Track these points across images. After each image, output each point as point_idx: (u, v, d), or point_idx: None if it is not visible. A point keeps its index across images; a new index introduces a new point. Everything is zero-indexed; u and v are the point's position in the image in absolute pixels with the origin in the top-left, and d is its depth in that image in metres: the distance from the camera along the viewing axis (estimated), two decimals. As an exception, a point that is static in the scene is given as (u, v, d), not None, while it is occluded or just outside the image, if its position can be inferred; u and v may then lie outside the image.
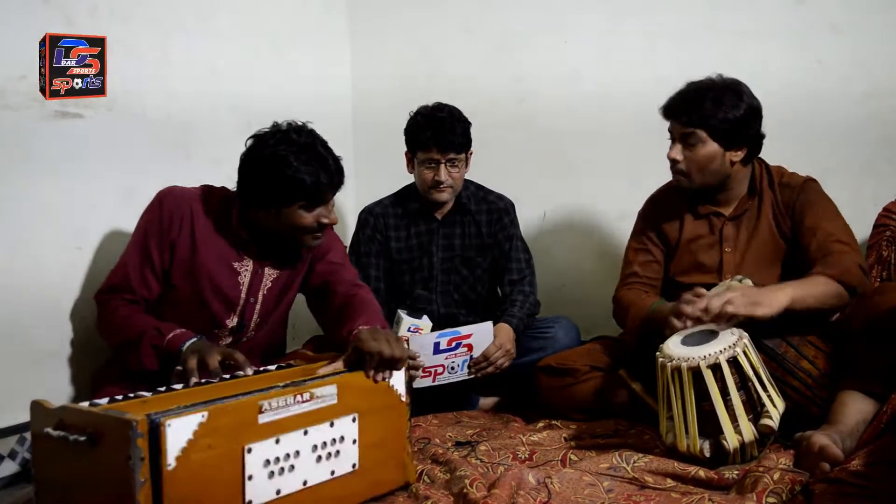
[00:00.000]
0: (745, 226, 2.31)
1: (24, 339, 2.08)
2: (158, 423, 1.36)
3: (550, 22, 3.10)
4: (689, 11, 2.88)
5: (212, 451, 1.43)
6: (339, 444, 1.66)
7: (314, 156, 1.99)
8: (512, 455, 2.04)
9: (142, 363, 1.90)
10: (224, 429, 1.45)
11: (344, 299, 2.08)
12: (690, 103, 2.22)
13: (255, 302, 2.13)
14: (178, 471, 1.38)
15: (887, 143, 2.62)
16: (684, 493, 1.76)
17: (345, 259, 2.26)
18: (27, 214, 2.07)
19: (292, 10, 3.10)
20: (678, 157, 2.25)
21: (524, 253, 2.78)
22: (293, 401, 1.58)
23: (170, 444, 1.37)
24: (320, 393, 1.63)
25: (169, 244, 2.01)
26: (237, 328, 2.12)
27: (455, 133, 2.58)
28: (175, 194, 2.06)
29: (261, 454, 1.51)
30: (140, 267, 2.01)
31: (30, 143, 2.08)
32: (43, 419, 1.49)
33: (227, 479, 1.47)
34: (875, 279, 2.39)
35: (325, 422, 1.64)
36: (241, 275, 2.09)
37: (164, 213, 2.02)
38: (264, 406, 1.53)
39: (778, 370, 2.00)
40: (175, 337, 1.89)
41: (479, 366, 2.48)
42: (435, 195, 2.63)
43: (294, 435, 1.58)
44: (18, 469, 2.05)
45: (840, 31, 2.67)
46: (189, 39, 2.55)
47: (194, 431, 1.40)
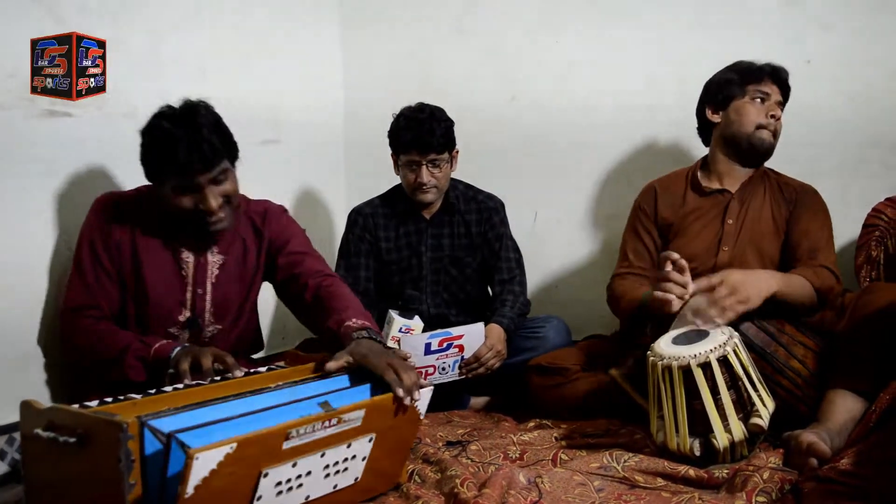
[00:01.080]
0: (749, 203, 2.40)
1: (14, 339, 2.07)
2: (187, 454, 1.28)
3: (541, 23, 3.11)
4: (680, 12, 2.89)
5: (230, 478, 1.37)
6: (349, 462, 1.61)
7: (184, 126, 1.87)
8: (503, 455, 2.04)
9: (126, 376, 1.88)
10: (249, 458, 1.39)
11: (316, 291, 2.05)
12: (786, 75, 2.43)
13: (205, 293, 2.09)
14: (193, 498, 1.32)
15: (876, 143, 2.64)
16: (674, 492, 1.76)
17: (307, 247, 2.20)
18: (16, 214, 2.06)
19: (283, 11, 3.09)
20: (779, 115, 2.40)
21: (514, 252, 2.78)
22: (320, 426, 1.50)
23: (193, 475, 1.30)
24: (348, 417, 1.55)
25: (115, 246, 2.00)
26: (191, 322, 2.08)
27: (435, 135, 2.57)
28: (113, 199, 2.06)
29: (275, 477, 1.46)
30: (95, 275, 1.99)
31: (19, 142, 2.07)
32: (33, 420, 1.47)
33: (237, 499, 1.43)
34: (864, 279, 2.41)
35: (344, 443, 1.57)
36: (184, 269, 2.06)
37: (104, 219, 2.01)
38: (291, 434, 1.44)
39: (768, 369, 2.01)
40: (162, 346, 1.88)
41: (469, 367, 2.48)
42: (420, 196, 2.63)
43: (311, 458, 1.51)
44: (8, 469, 2.04)
45: (830, 31, 2.68)
46: (180, 39, 2.53)
47: (219, 462, 1.33)
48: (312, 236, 2.26)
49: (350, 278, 2.70)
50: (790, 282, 2.12)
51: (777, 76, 2.40)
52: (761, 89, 2.38)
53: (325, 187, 3.38)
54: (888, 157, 2.63)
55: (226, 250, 2.12)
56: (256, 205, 2.20)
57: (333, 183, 3.44)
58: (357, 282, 2.70)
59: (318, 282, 2.07)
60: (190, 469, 1.29)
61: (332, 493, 1.61)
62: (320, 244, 3.21)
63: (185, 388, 1.67)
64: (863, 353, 1.94)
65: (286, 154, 3.08)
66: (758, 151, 2.38)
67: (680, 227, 2.44)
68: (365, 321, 1.90)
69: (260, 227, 2.16)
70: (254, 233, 2.16)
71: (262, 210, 2.18)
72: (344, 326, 1.86)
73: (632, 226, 2.55)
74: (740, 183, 2.42)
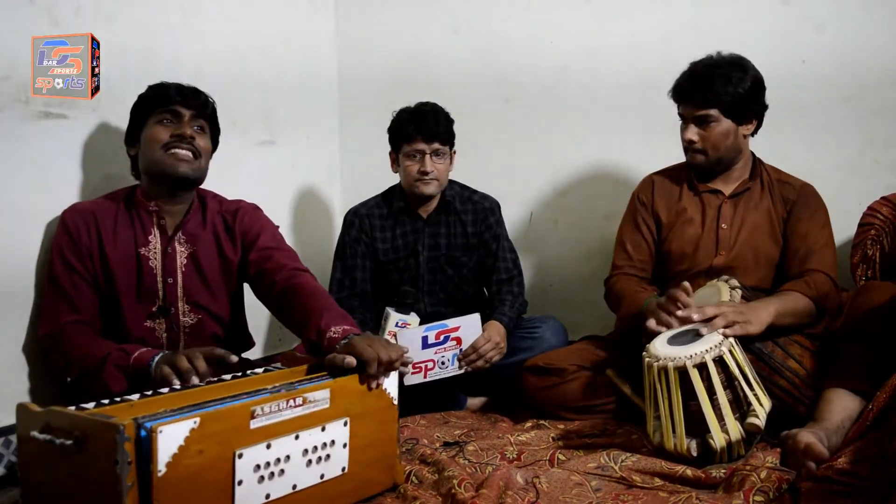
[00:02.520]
0: (744, 205, 2.38)
1: (9, 342, 2.06)
2: (150, 430, 1.33)
3: (536, 22, 3.11)
4: (674, 11, 2.89)
5: (202, 456, 1.41)
6: (329, 448, 1.64)
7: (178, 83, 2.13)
8: (500, 455, 2.04)
9: (107, 386, 1.86)
10: (216, 434, 1.43)
11: (284, 286, 2.06)
12: (701, 84, 2.27)
13: (175, 282, 2.11)
14: (168, 477, 1.36)
15: (871, 142, 2.64)
16: (672, 492, 1.77)
17: (278, 242, 2.22)
18: (10, 215, 2.06)
19: (279, 11, 3.09)
20: (694, 138, 2.30)
21: (511, 252, 2.78)
22: (285, 405, 1.55)
23: (161, 451, 1.34)
24: (313, 397, 1.60)
25: (86, 253, 2.04)
26: (164, 310, 2.10)
27: (439, 124, 2.61)
28: (76, 209, 2.10)
29: (251, 459, 1.49)
30: (71, 282, 2.02)
31: (13, 144, 2.07)
32: (29, 422, 1.47)
33: (217, 484, 1.45)
34: (860, 278, 2.41)
35: (317, 426, 1.61)
36: (152, 259, 2.10)
37: (70, 228, 2.05)
38: (256, 411, 1.50)
39: (765, 369, 2.02)
40: (141, 354, 1.87)
41: (468, 358, 2.48)
42: (421, 188, 2.63)
43: (285, 440, 1.55)
44: (5, 472, 2.03)
45: (824, 30, 2.68)
46: (175, 40, 2.53)
47: (186, 438, 1.38)
48: (310, 237, 2.27)
49: (347, 280, 2.70)
50: (785, 304, 2.11)
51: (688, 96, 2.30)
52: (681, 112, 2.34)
53: (322, 188, 3.38)
54: (883, 156, 2.63)
55: (194, 241, 2.15)
56: (230, 204, 2.25)
57: (329, 183, 3.44)
58: (354, 283, 2.70)
59: (286, 276, 2.08)
60: (155, 443, 1.33)
61: (320, 484, 1.63)
62: (317, 245, 3.22)
63: (181, 389, 1.67)
64: (859, 351, 1.95)
65: (282, 155, 3.08)
66: (697, 171, 2.39)
67: (674, 223, 2.44)
68: (346, 326, 1.87)
69: (231, 224, 2.20)
70: (225, 229, 2.20)
71: (234, 208, 2.23)
72: (327, 339, 1.83)
73: (630, 217, 2.53)
74: (734, 185, 2.40)
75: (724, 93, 2.23)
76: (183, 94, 2.10)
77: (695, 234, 2.40)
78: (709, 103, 2.25)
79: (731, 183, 2.41)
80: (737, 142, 2.32)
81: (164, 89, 2.10)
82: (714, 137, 2.29)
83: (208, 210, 2.20)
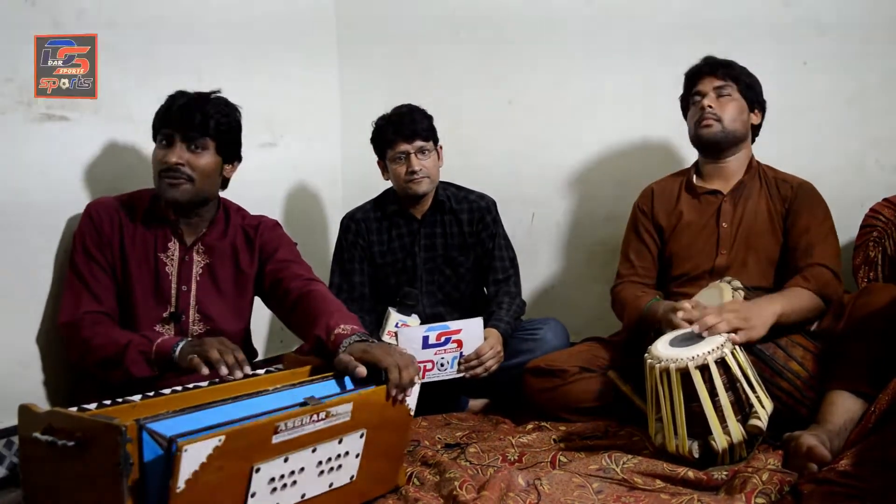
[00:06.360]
0: (743, 202, 2.41)
1: (12, 343, 2.07)
2: (176, 448, 1.29)
3: (537, 26, 3.11)
4: (675, 13, 2.89)
5: (221, 472, 1.38)
6: (342, 459, 1.62)
7: (191, 94, 2.11)
8: (501, 457, 2.04)
9: (129, 372, 1.89)
10: (238, 451, 1.40)
11: (298, 294, 2.08)
12: (722, 63, 2.45)
13: (189, 290, 2.14)
14: (185, 493, 1.33)
15: (874, 144, 2.64)
16: (673, 493, 1.76)
17: (295, 256, 2.26)
18: (13, 218, 2.06)
19: (280, 17, 3.09)
20: (713, 105, 2.40)
21: (508, 251, 2.78)
22: (308, 420, 1.51)
23: (183, 469, 1.31)
24: (336, 411, 1.56)
25: (106, 244, 2.07)
26: (175, 317, 2.12)
27: (417, 122, 2.62)
28: (101, 201, 2.13)
29: (268, 473, 1.47)
30: (91, 273, 2.05)
31: (15, 146, 2.07)
32: (31, 423, 1.47)
33: (232, 498, 1.43)
34: (862, 279, 2.40)
35: (335, 438, 1.59)
36: (168, 265, 2.13)
37: (95, 221, 2.08)
38: (280, 427, 1.46)
39: (766, 371, 2.01)
40: (165, 341, 1.90)
41: (468, 364, 2.47)
42: (413, 187, 2.64)
43: (303, 453, 1.52)
44: (6, 473, 2.03)
45: (826, 32, 2.68)
46: (175, 44, 2.53)
47: (209, 455, 1.34)
48: (308, 240, 2.27)
49: (346, 284, 2.71)
50: (790, 302, 2.11)
51: (709, 69, 2.44)
52: (698, 89, 2.43)
53: (322, 191, 3.38)
54: (885, 158, 2.63)
55: (212, 252, 2.18)
56: (252, 218, 2.29)
57: (330, 186, 3.43)
58: (353, 287, 2.71)
59: (301, 285, 2.11)
60: (179, 462, 1.30)
61: (328, 492, 1.62)
62: (316, 249, 3.22)
63: (183, 390, 1.67)
64: (861, 353, 1.95)
65: (283, 157, 3.08)
66: (706, 143, 2.43)
67: (675, 229, 2.45)
68: (354, 325, 1.89)
69: (252, 237, 2.24)
70: (246, 242, 2.23)
71: (256, 223, 2.27)
72: (334, 335, 1.84)
73: (632, 227, 2.57)
74: (733, 183, 2.42)
75: (741, 73, 2.42)
76: (177, 115, 2.05)
77: (695, 236, 2.41)
78: (729, 76, 2.41)
79: (730, 180, 2.43)
80: (746, 125, 2.43)
81: (165, 108, 2.09)
82: (730, 109, 2.39)
83: (231, 223, 2.23)
